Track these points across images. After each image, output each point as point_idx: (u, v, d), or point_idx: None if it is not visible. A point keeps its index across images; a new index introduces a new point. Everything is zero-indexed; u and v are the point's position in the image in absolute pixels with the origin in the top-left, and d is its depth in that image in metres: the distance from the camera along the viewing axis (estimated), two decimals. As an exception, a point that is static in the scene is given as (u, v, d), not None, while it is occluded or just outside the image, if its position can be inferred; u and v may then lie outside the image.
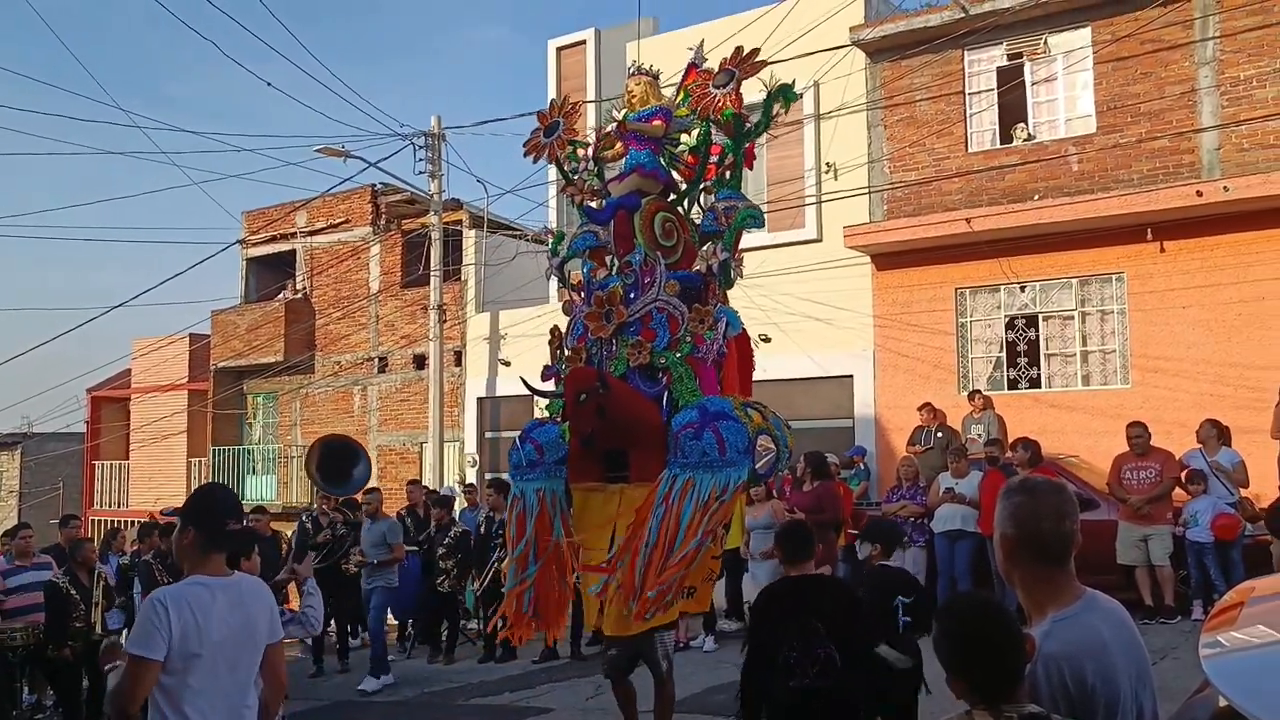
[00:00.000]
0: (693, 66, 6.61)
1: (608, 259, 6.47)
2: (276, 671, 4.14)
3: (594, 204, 6.65)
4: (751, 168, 6.76)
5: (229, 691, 3.86)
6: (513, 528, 6.34)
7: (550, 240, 7.03)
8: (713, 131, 6.43)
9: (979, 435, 12.89)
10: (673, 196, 6.57)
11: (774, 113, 6.32)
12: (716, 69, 6.30)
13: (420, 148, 19.24)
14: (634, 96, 6.56)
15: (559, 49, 19.46)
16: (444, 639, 12.47)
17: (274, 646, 4.10)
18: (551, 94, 19.19)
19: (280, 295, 23.71)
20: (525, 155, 6.91)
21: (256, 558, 5.79)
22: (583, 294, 6.47)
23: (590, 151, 6.75)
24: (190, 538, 3.94)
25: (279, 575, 6.08)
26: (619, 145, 6.62)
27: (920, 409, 13.50)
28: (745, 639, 5.46)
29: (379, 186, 22.23)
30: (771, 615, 5.26)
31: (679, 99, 6.60)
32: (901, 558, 10.93)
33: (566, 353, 6.40)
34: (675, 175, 6.66)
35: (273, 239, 24.12)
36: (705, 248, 6.21)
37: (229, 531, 4.02)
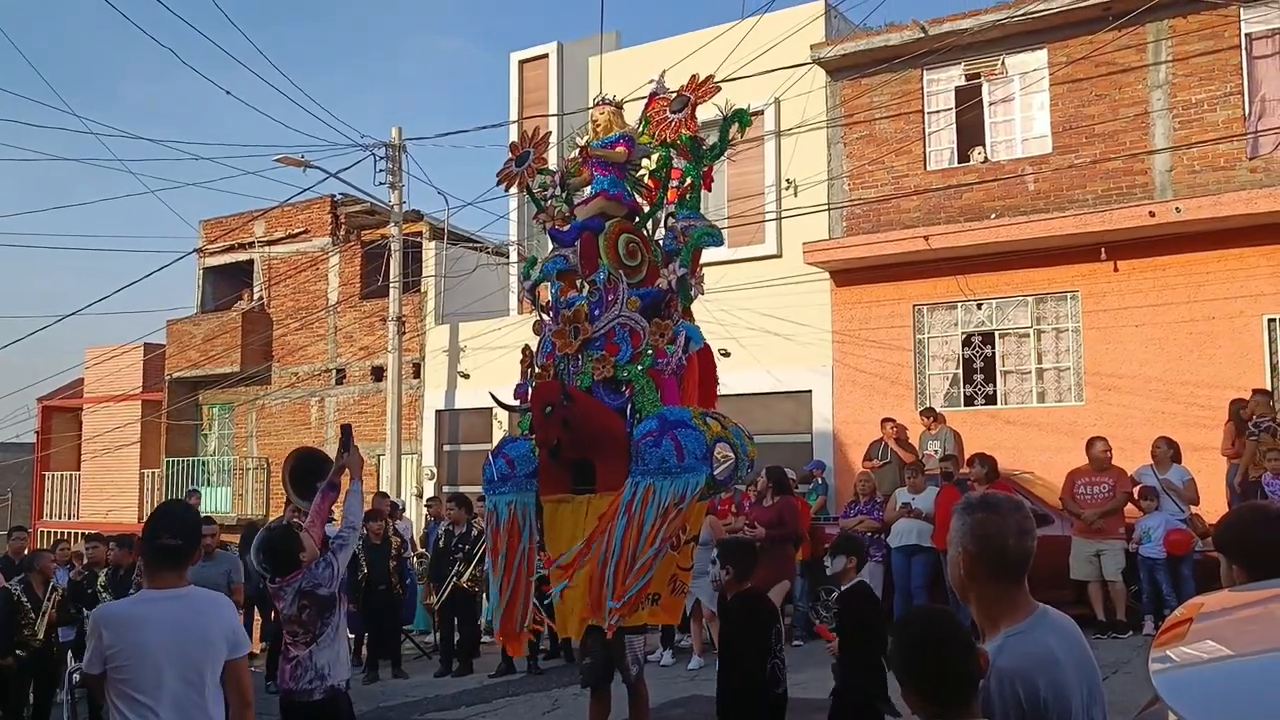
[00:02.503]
0: (654, 95, 6.83)
1: (578, 281, 6.66)
2: (240, 686, 4.16)
3: (564, 229, 6.83)
4: (710, 190, 6.98)
5: (179, 697, 3.92)
6: (488, 541, 6.54)
7: (523, 264, 7.23)
8: (673, 156, 6.64)
9: (936, 451, 12.96)
10: (637, 219, 6.75)
11: (730, 136, 6.59)
12: (675, 95, 6.56)
13: (380, 158, 19.13)
14: (598, 125, 6.78)
15: (521, 62, 19.45)
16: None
17: (234, 662, 4.11)
18: (513, 107, 19.19)
19: (237, 305, 23.48)
20: (498, 184, 7.13)
21: (312, 545, 5.65)
22: (551, 314, 6.63)
23: (558, 177, 6.95)
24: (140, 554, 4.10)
25: (334, 469, 5.97)
26: (585, 171, 6.81)
27: (884, 423, 13.53)
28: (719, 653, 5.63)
29: (339, 197, 22.10)
30: (744, 628, 5.43)
31: (640, 126, 6.81)
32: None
33: (536, 370, 6.56)
34: (639, 199, 6.86)
35: (230, 248, 23.89)
36: (667, 266, 6.41)
37: (163, 546, 4.08)
